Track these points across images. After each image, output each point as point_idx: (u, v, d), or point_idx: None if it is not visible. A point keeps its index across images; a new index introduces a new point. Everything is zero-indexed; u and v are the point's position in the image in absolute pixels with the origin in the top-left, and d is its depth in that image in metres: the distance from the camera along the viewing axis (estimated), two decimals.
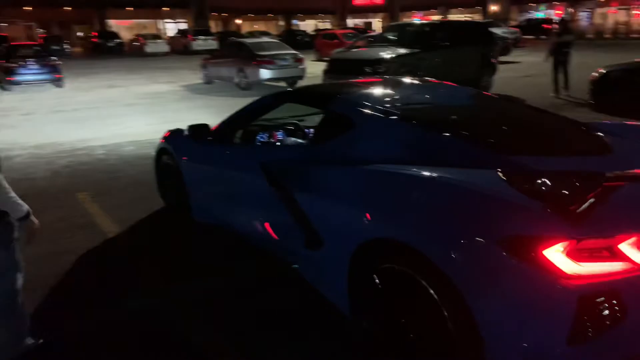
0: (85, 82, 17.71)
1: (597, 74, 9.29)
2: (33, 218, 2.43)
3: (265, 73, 14.00)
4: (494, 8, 43.70)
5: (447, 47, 10.87)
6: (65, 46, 31.91)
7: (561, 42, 11.00)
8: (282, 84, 15.22)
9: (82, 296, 3.36)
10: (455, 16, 45.42)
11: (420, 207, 2.04)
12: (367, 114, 2.75)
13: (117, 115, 10.94)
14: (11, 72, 14.86)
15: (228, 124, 3.74)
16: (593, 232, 1.65)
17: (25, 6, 37.85)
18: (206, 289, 3.32)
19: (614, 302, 1.65)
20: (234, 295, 3.23)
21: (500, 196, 1.87)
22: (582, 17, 42.96)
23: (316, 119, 4.35)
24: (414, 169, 2.22)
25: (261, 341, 2.73)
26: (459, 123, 2.78)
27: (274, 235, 3.14)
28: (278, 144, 3.76)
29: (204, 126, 3.78)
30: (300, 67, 14.70)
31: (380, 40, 11.59)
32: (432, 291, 1.95)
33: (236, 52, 15.15)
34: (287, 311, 3.01)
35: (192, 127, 3.75)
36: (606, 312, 1.65)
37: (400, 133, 2.61)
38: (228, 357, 2.66)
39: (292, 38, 29.61)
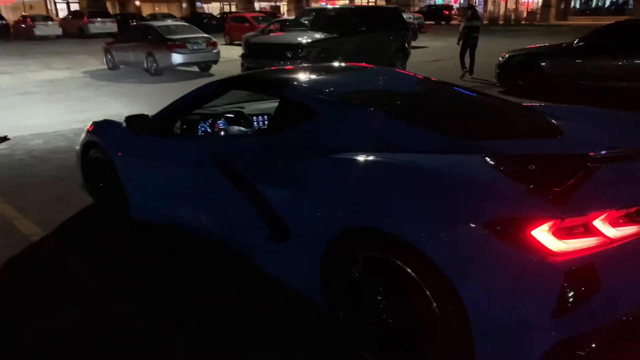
0: None
1: (502, 59, 9.93)
2: None
3: (177, 58, 13.39)
4: None
5: (364, 32, 11.06)
6: None
7: (471, 27, 11.62)
8: (195, 68, 14.68)
9: (17, 306, 3.03)
10: (359, 1, 46.35)
11: (403, 194, 2.05)
12: (329, 101, 2.71)
13: (13, 105, 9.90)
14: None
15: (168, 114, 3.50)
16: (574, 211, 1.76)
17: None
18: (159, 288, 3.14)
19: (591, 274, 1.78)
20: (190, 293, 3.08)
21: (485, 179, 1.92)
22: (477, 4, 45.69)
23: (256, 107, 4.25)
24: (393, 156, 2.23)
25: (226, 342, 2.63)
26: (420, 109, 2.82)
27: (227, 230, 3.02)
28: (224, 133, 3.59)
29: (143, 117, 3.51)
30: (214, 51, 14.25)
31: (297, 25, 11.51)
32: (416, 277, 1.97)
33: (144, 36, 14.32)
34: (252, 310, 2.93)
35: (130, 119, 3.47)
36: (585, 283, 1.77)
37: (365, 120, 2.59)
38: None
39: (199, 21, 28.48)
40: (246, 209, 2.78)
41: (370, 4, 38.82)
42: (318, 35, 10.21)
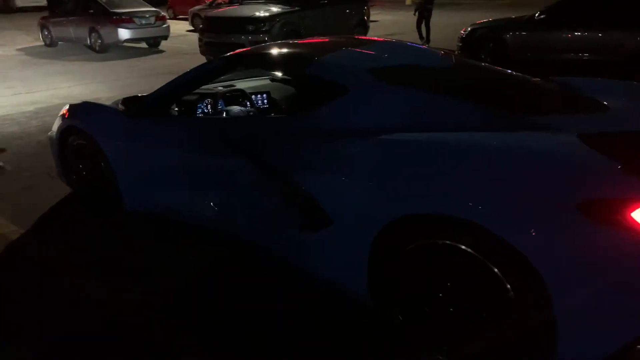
0: None
1: (464, 32, 9.98)
2: None
3: (124, 33, 12.58)
4: None
5: (325, 5, 10.77)
6: None
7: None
8: (143, 44, 13.87)
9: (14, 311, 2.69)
10: None
11: (479, 175, 1.90)
12: (363, 77, 2.51)
13: None
14: None
15: (169, 94, 3.15)
16: None
17: None
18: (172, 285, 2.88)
19: None
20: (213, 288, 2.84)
21: (574, 158, 1.82)
22: None
23: (248, 84, 3.97)
24: (458, 136, 2.08)
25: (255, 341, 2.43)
26: (459, 85, 2.65)
27: (249, 220, 2.80)
28: (230, 114, 3.30)
29: (138, 98, 3.15)
30: (164, 26, 13.51)
31: None
32: (492, 266, 1.86)
33: (85, 10, 13.30)
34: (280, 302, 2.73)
35: (127, 101, 3.10)
36: None
37: (405, 97, 2.42)
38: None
39: None
40: (273, 196, 2.57)
41: None
42: (279, 9, 9.83)
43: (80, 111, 3.57)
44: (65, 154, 3.76)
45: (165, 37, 13.77)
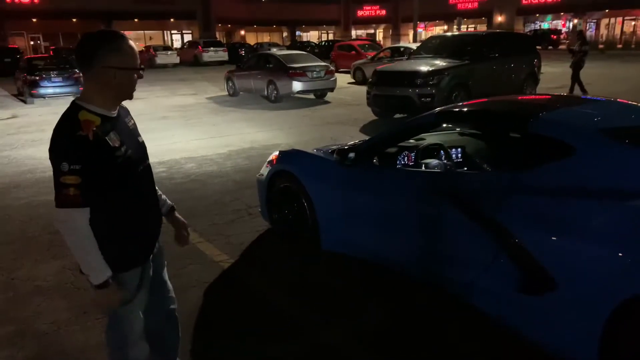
0: None
1: None
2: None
3: (297, 85, 13.71)
4: (499, 19, 43.85)
5: (495, 58, 10.65)
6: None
7: (583, 51, 13.05)
8: (311, 96, 14.98)
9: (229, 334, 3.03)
10: (456, 27, 45.52)
11: None
12: (593, 137, 2.46)
13: (155, 129, 10.56)
14: (35, 85, 14.53)
15: (378, 145, 3.40)
16: None
17: (30, 18, 37.53)
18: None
19: None
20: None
21: None
22: (588, 28, 43.17)
23: (441, 138, 4.06)
24: None
25: None
26: None
27: (454, 272, 2.83)
28: (431, 167, 3.44)
29: (353, 148, 3.41)
30: (332, 79, 14.45)
31: (423, 52, 11.33)
32: None
33: (265, 64, 14.88)
34: None
35: (345, 151, 3.39)
36: None
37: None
38: None
39: (302, 49, 29.36)
40: (487, 252, 2.57)
41: (467, 30, 37.95)
42: (447, 62, 9.95)
43: (291, 157, 3.99)
44: (270, 195, 4.19)
45: (332, 89, 14.73)
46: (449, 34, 14.44)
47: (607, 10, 40.79)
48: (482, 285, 2.64)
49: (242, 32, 50.31)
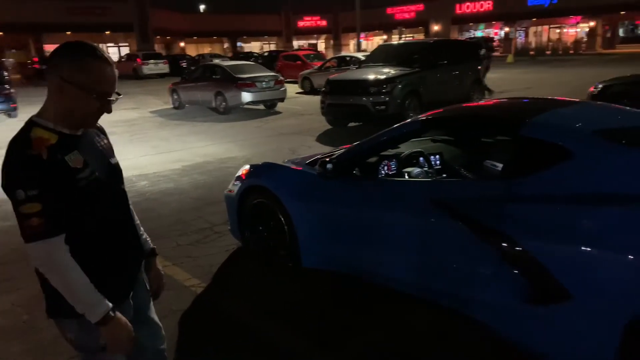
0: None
1: (595, 89, 9.62)
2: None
3: (247, 96, 13.44)
4: (435, 28, 45.37)
5: (444, 65, 10.86)
6: (4, 73, 29.55)
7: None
8: (261, 106, 14.73)
9: None
10: (396, 37, 46.72)
11: None
12: (591, 140, 2.42)
13: None
14: None
15: (358, 155, 3.24)
16: None
17: None
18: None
19: None
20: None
21: None
22: (517, 36, 45.48)
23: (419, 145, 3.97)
24: None
25: None
26: None
27: (445, 283, 2.71)
28: (412, 176, 3.32)
29: (333, 160, 3.24)
30: (282, 89, 14.27)
31: (373, 61, 11.39)
32: None
33: (211, 76, 14.51)
34: None
35: (327, 163, 3.21)
36: None
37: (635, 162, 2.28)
38: None
39: (245, 60, 28.98)
40: (488, 261, 2.47)
41: (407, 39, 38.95)
42: (399, 71, 10.03)
43: (265, 171, 3.76)
44: (242, 211, 3.94)
45: (282, 100, 14.56)
46: (396, 42, 14.64)
47: (534, 19, 43.16)
48: (483, 298, 2.54)
49: (182, 44, 49.24)
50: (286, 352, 2.88)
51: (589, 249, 2.12)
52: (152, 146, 9.76)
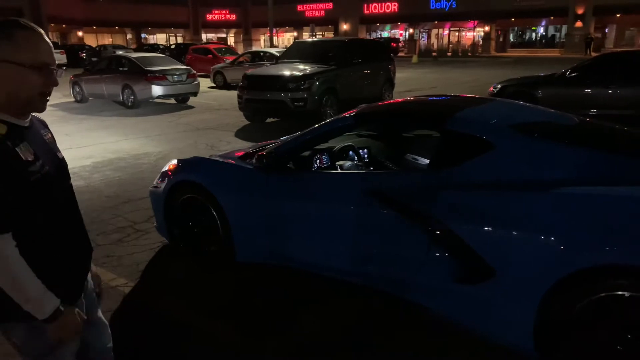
0: None
1: (494, 89, 10.40)
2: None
3: (157, 90, 12.93)
4: (345, 27, 46.45)
5: (358, 63, 11.19)
6: None
7: None
8: (172, 100, 14.25)
9: None
10: (307, 34, 47.27)
11: None
12: (509, 133, 2.66)
13: None
14: None
15: (293, 149, 3.28)
16: None
17: None
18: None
19: None
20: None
21: None
22: (420, 37, 47.89)
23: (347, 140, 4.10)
24: (626, 189, 2.21)
25: None
26: (587, 138, 2.83)
27: (383, 270, 2.86)
28: (345, 168, 3.43)
29: (270, 153, 3.24)
30: (194, 82, 13.89)
31: (289, 57, 11.46)
32: None
33: (118, 68, 13.76)
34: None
35: (265, 157, 3.19)
36: None
37: (552, 152, 2.56)
38: None
39: (151, 52, 27.73)
40: (421, 248, 2.64)
41: (318, 36, 39.54)
42: (317, 67, 10.19)
43: (196, 166, 3.68)
44: (169, 208, 3.83)
45: (195, 94, 14.17)
46: (312, 40, 14.81)
47: (436, 22, 45.69)
48: (417, 280, 2.71)
49: (80, 34, 45.99)
50: (224, 348, 2.86)
51: (511, 230, 2.35)
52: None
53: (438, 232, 2.56)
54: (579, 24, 36.23)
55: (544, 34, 44.96)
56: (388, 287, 2.89)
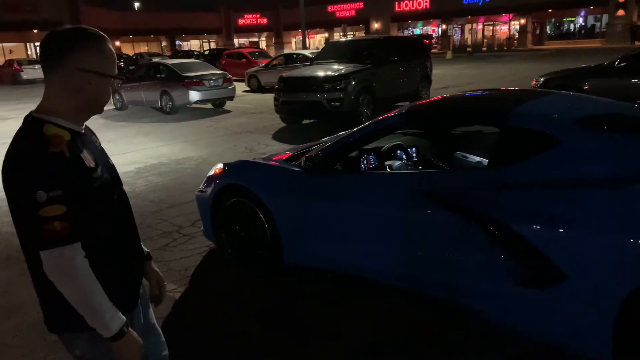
0: None
1: (537, 82, 10.06)
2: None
3: (195, 95, 13.08)
4: (376, 26, 46.17)
5: (395, 61, 11.03)
6: None
7: None
8: (209, 105, 14.41)
9: None
10: (338, 34, 47.15)
11: None
12: (575, 128, 2.50)
13: None
14: None
15: (342, 149, 3.20)
16: None
17: None
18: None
19: None
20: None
21: None
22: (454, 33, 47.11)
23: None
24: None
25: None
26: None
27: (441, 275, 2.73)
28: (394, 168, 3.32)
29: (317, 155, 3.17)
30: (230, 87, 14.00)
31: (324, 58, 11.39)
32: None
33: (156, 75, 14.02)
34: None
35: (312, 159, 3.13)
36: None
37: (621, 146, 2.39)
38: None
39: (186, 58, 28.23)
40: (481, 249, 2.51)
41: (348, 37, 39.41)
42: (352, 67, 10.09)
43: (242, 169, 3.65)
44: (216, 212, 3.80)
45: (232, 98, 14.29)
46: (345, 39, 14.72)
47: (469, 17, 44.83)
48: (478, 286, 2.58)
49: (118, 43, 47.28)
50: (274, 354, 2.81)
51: (581, 231, 2.19)
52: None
53: (502, 234, 2.42)
54: (621, 12, 34.86)
55: (583, 24, 43.50)
56: (441, 291, 2.77)
